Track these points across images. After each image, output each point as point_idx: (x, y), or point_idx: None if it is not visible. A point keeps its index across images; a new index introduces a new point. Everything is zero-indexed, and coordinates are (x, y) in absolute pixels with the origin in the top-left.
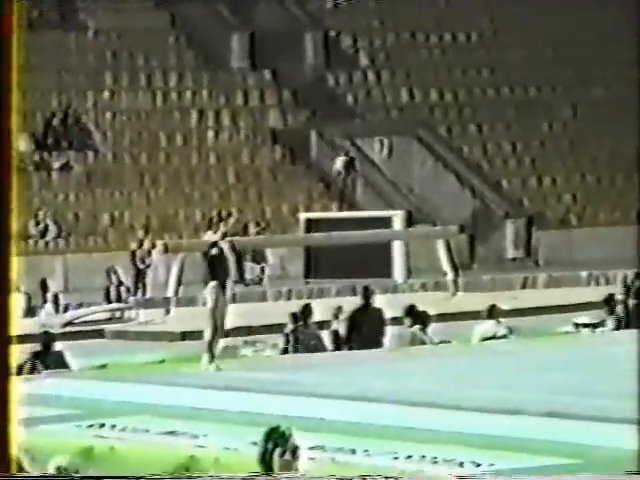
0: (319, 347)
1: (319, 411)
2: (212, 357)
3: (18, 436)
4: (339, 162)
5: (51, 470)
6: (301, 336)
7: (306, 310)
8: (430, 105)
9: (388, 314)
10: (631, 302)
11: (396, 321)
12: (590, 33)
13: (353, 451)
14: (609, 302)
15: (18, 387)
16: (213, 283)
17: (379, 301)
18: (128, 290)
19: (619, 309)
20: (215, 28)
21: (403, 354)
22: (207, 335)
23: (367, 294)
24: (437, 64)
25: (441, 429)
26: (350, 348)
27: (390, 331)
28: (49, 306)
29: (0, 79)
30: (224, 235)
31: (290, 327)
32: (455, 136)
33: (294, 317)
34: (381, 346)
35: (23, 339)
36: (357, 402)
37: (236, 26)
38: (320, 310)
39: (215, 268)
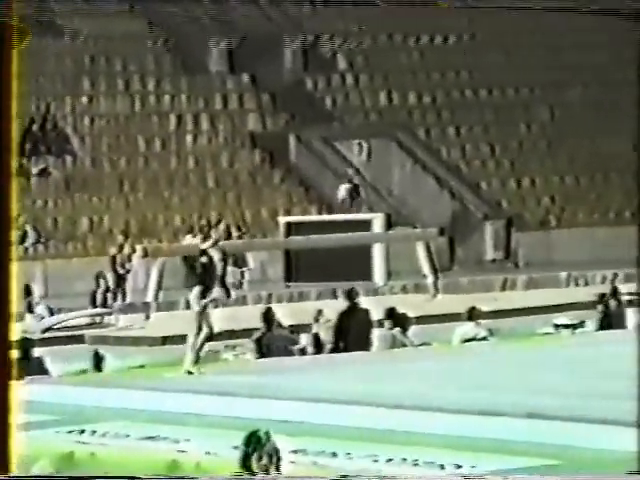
0: (288, 351)
1: (300, 414)
2: (196, 361)
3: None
4: (343, 190)
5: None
6: (267, 341)
7: (268, 314)
8: (408, 108)
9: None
10: (612, 303)
11: (377, 324)
12: (567, 35)
13: (334, 454)
14: (598, 302)
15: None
16: (199, 288)
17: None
18: (115, 295)
19: (600, 309)
20: (193, 32)
21: (383, 357)
22: (191, 339)
23: (352, 296)
24: (415, 67)
25: (422, 431)
26: (339, 350)
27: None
28: (37, 310)
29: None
30: (215, 242)
31: (256, 333)
32: (434, 138)
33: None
34: (370, 348)
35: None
36: (338, 405)
37: (214, 30)
38: (300, 313)
39: (204, 274)
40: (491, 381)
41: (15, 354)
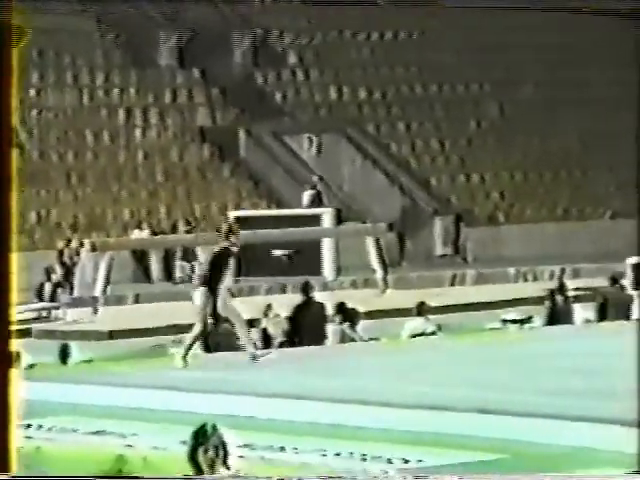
0: (236, 346)
1: (248, 409)
2: (187, 355)
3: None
4: (306, 197)
5: None
6: (216, 337)
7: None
8: (359, 103)
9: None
10: (559, 298)
11: (327, 319)
12: (518, 32)
13: (282, 449)
14: (545, 298)
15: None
16: (204, 289)
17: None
18: (63, 289)
19: (547, 305)
20: (143, 26)
21: (333, 351)
22: (193, 334)
23: (307, 289)
24: (365, 62)
25: (370, 426)
26: (294, 344)
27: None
28: None
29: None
30: (232, 245)
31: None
32: (384, 134)
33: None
34: (324, 342)
35: None
36: (286, 400)
37: (164, 24)
38: (250, 308)
39: (215, 272)
40: (439, 376)
41: None
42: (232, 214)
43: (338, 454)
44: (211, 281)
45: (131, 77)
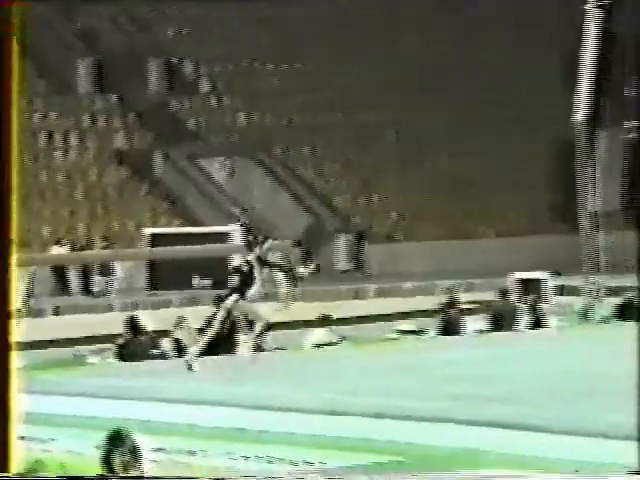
0: (150, 355)
1: (161, 415)
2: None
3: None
4: (236, 232)
5: None
6: (130, 346)
7: (131, 321)
8: (267, 128)
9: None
10: (452, 311)
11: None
12: (414, 58)
13: (192, 452)
14: (438, 311)
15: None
16: (235, 296)
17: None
18: None
19: (440, 317)
20: (62, 54)
21: (242, 361)
22: (210, 333)
23: (219, 302)
24: (274, 89)
25: (276, 430)
26: (207, 354)
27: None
28: None
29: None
30: (258, 257)
31: (121, 338)
32: (291, 157)
33: (127, 328)
34: (236, 351)
35: None
36: (196, 406)
37: (82, 52)
38: (163, 320)
39: (243, 282)
40: (340, 383)
41: None
42: (148, 231)
43: (246, 457)
44: (241, 290)
45: (52, 102)
